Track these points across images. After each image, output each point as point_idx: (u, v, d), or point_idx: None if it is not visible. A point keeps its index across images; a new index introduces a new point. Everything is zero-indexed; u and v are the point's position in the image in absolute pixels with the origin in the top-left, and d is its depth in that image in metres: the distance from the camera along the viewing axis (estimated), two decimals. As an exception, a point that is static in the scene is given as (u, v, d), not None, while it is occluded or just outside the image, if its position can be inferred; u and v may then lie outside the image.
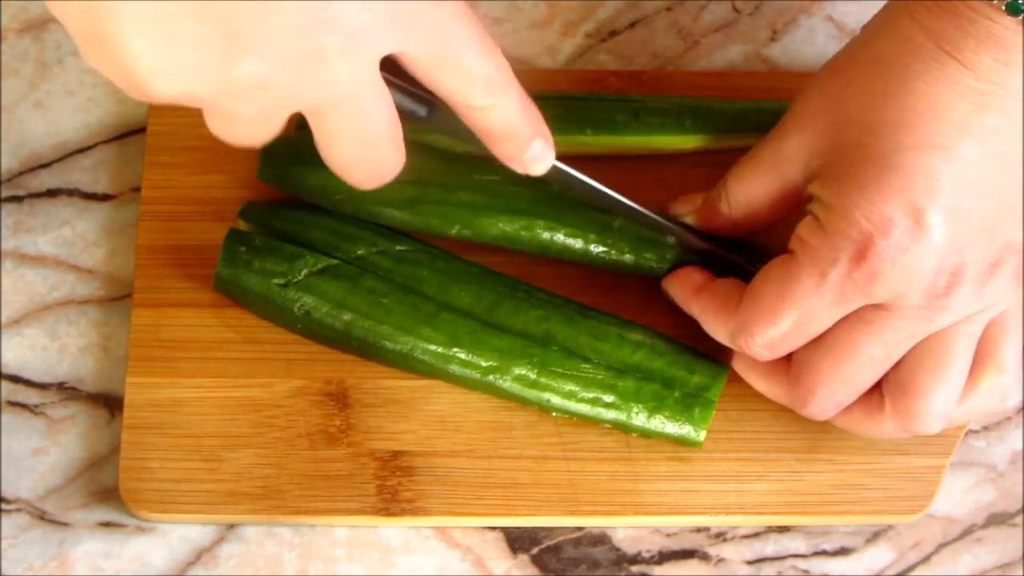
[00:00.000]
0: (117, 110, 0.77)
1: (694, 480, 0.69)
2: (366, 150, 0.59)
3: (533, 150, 0.64)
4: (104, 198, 0.76)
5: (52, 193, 0.76)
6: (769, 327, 0.65)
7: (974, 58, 0.61)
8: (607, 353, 0.70)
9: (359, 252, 0.71)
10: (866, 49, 0.64)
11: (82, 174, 0.76)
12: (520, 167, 0.64)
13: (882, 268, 0.62)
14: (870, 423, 0.67)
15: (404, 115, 0.61)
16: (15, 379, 0.72)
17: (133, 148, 0.77)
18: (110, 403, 0.71)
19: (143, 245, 0.73)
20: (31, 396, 0.71)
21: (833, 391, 0.66)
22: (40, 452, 0.70)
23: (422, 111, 0.63)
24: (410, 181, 0.70)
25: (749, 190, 0.68)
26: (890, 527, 0.70)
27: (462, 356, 0.69)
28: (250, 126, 0.58)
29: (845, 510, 0.69)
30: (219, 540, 0.69)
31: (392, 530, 0.69)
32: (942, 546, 0.70)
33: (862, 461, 0.70)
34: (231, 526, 0.69)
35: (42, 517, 0.69)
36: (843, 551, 0.70)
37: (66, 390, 0.72)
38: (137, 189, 0.75)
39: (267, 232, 0.72)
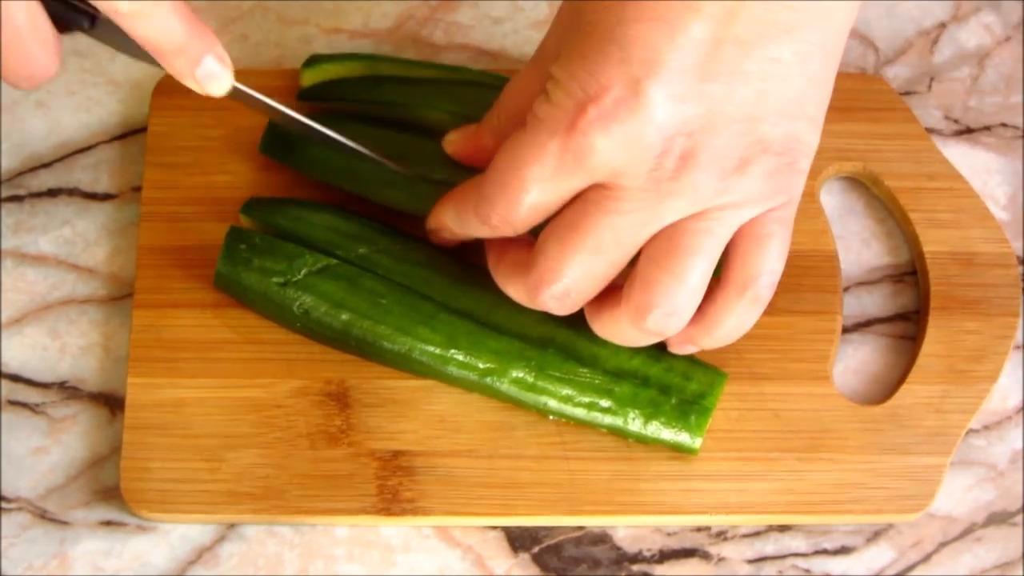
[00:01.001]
0: (118, 110, 0.77)
1: (695, 479, 0.69)
2: (8, 45, 0.61)
3: (205, 67, 0.64)
4: (105, 198, 0.76)
5: (53, 193, 0.76)
6: (503, 196, 0.63)
7: None
8: (605, 357, 0.69)
9: (360, 250, 0.71)
10: None
11: (83, 174, 0.76)
12: (196, 85, 0.65)
13: (595, 139, 0.60)
14: (612, 321, 0.66)
15: (67, 24, 0.63)
16: (16, 378, 0.72)
17: (134, 148, 0.77)
18: (111, 403, 0.71)
19: (144, 245, 0.73)
20: (32, 395, 0.71)
21: (563, 277, 0.64)
22: (41, 451, 0.70)
23: (85, 22, 0.64)
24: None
25: (516, 94, 0.67)
26: (890, 526, 0.70)
27: (459, 358, 0.69)
28: None
29: (846, 509, 0.69)
30: (220, 539, 0.69)
31: (392, 529, 0.69)
32: (942, 545, 0.70)
33: (862, 460, 0.70)
34: (232, 525, 0.69)
35: (43, 516, 0.69)
36: (844, 550, 0.70)
37: (67, 389, 0.72)
38: (138, 189, 0.75)
39: (269, 228, 0.72)
